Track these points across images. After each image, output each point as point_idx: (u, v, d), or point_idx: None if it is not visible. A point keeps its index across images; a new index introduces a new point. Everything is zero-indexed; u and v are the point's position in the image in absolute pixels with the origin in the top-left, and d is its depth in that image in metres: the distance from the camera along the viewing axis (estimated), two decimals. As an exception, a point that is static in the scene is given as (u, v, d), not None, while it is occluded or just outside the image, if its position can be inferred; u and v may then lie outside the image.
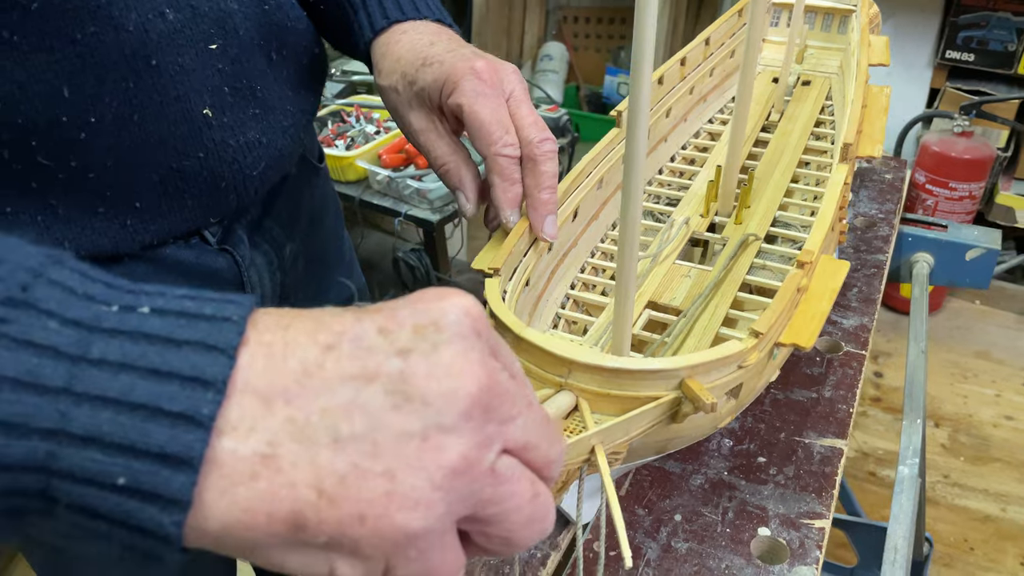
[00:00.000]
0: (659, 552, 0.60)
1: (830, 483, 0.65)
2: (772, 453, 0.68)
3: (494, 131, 0.57)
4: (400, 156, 1.61)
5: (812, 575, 0.58)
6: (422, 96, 0.61)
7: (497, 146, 0.57)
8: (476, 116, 0.57)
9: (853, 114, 0.79)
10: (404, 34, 0.64)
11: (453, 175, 0.62)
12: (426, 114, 0.62)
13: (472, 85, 0.58)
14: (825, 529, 0.61)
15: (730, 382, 0.54)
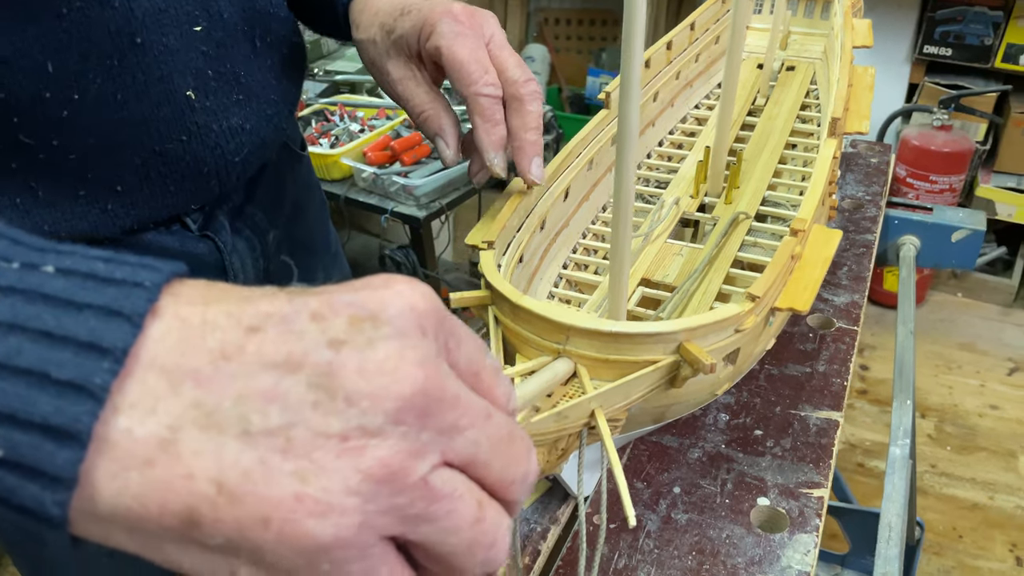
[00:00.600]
0: (659, 523, 0.60)
1: (827, 454, 0.65)
2: (768, 426, 0.68)
3: (474, 70, 0.56)
4: (385, 153, 1.60)
5: (813, 542, 0.58)
6: (400, 44, 0.60)
7: (478, 85, 0.56)
8: (455, 56, 0.56)
9: (840, 91, 0.79)
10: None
11: (432, 122, 0.61)
12: (404, 62, 0.60)
13: (449, 27, 0.57)
14: (824, 498, 0.61)
15: (727, 346, 0.54)
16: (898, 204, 1.11)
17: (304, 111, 1.75)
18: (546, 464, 0.50)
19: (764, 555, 0.57)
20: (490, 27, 0.59)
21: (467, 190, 1.60)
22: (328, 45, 1.98)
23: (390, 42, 0.61)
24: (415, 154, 1.60)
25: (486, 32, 0.59)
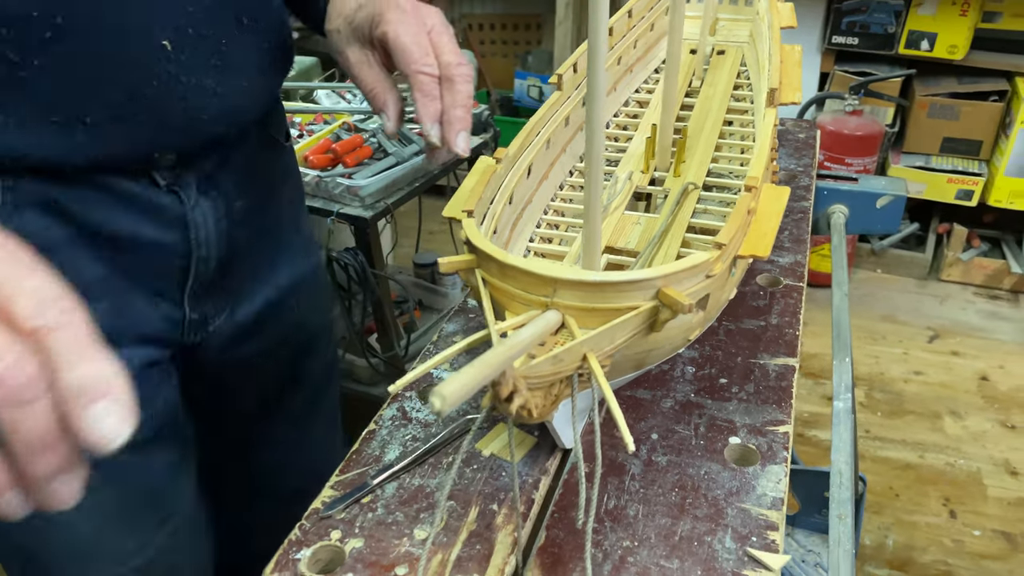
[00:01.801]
0: (642, 467, 0.64)
1: (787, 395, 0.70)
2: (732, 374, 0.73)
3: (414, 52, 0.65)
4: (327, 156, 1.61)
5: (783, 472, 0.63)
6: (357, 32, 0.70)
7: (417, 64, 0.65)
8: (398, 40, 0.66)
9: (774, 66, 0.85)
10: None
11: (379, 98, 0.70)
12: (360, 48, 0.71)
13: (395, 15, 0.67)
14: (789, 433, 0.67)
15: (699, 291, 0.58)
16: (826, 176, 1.19)
17: (241, 119, 1.75)
18: (542, 409, 0.53)
19: (740, 486, 0.62)
20: (431, 18, 0.69)
21: (410, 189, 1.63)
22: (259, 54, 1.98)
23: (350, 31, 0.71)
24: (357, 156, 1.61)
25: (428, 22, 0.68)
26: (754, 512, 0.60)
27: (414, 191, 1.66)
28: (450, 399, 0.39)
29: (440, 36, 0.68)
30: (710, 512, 0.60)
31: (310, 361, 0.98)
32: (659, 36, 1.16)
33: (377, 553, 0.57)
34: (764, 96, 0.87)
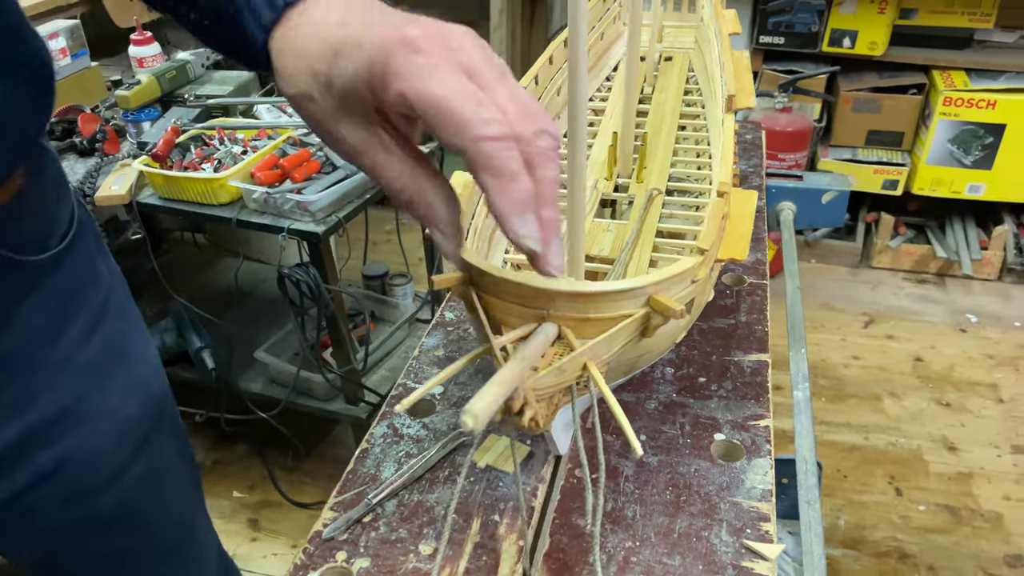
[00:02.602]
0: (634, 468, 0.66)
1: (764, 390, 0.73)
2: (710, 373, 0.75)
3: (461, 108, 0.39)
4: (275, 172, 1.60)
5: (768, 464, 0.66)
6: (347, 100, 0.43)
7: (473, 127, 0.39)
8: (427, 97, 0.39)
9: (729, 73, 0.88)
10: (303, 16, 0.46)
11: (417, 204, 0.45)
12: (360, 123, 0.44)
13: (408, 61, 0.40)
14: (770, 427, 0.69)
15: (686, 296, 0.60)
16: (773, 175, 1.23)
17: (181, 137, 1.71)
18: (545, 419, 0.54)
19: (730, 481, 0.64)
20: (465, 49, 0.42)
21: (360, 202, 1.62)
22: (195, 70, 1.94)
23: (333, 99, 0.44)
24: (305, 170, 1.60)
25: (461, 57, 0.41)
26: (745, 505, 0.62)
27: (364, 203, 1.65)
28: (481, 417, 0.40)
29: (490, 75, 0.42)
30: (704, 508, 0.62)
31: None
32: (608, 44, 1.18)
33: (385, 571, 0.58)
34: (719, 102, 0.91)
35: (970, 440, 2.08)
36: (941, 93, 2.41)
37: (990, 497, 1.92)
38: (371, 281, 2.13)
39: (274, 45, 0.47)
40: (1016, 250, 2.62)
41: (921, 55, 2.48)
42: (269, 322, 2.09)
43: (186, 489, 0.87)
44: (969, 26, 2.43)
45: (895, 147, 2.60)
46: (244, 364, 1.93)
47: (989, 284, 2.65)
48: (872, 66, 2.53)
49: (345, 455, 2.07)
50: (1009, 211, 2.66)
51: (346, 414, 1.84)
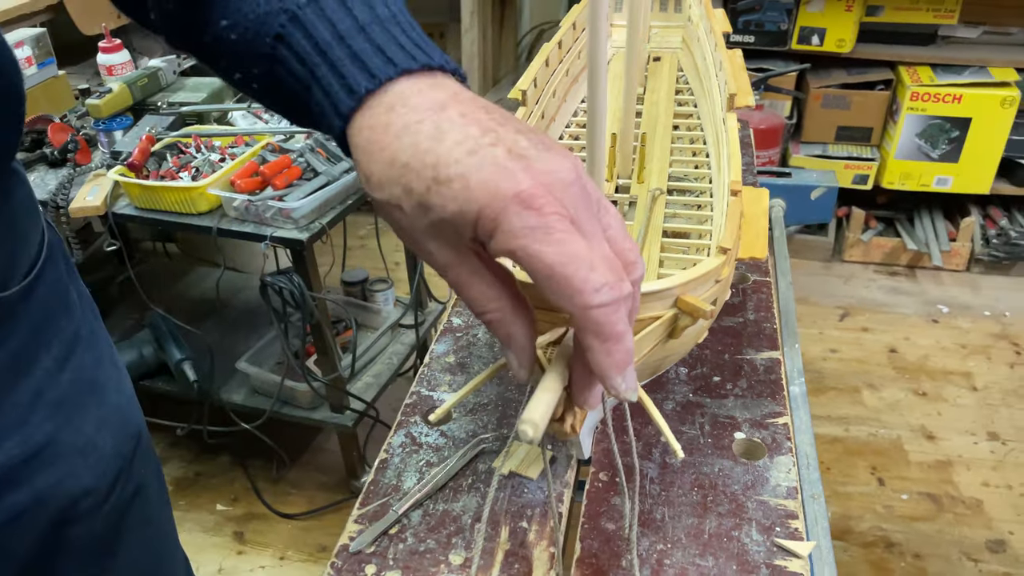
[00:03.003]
0: (658, 470, 0.65)
1: (779, 387, 0.74)
2: (724, 372, 0.75)
3: (574, 275, 0.38)
4: (255, 180, 1.57)
5: (791, 462, 0.66)
6: (443, 229, 0.41)
7: (585, 297, 0.39)
8: (539, 262, 0.38)
9: (730, 72, 0.89)
10: (391, 113, 0.42)
11: (497, 327, 0.44)
12: (451, 245, 0.42)
13: (522, 219, 0.38)
14: (789, 424, 0.70)
15: (711, 296, 0.60)
16: (763, 172, 1.24)
17: (156, 146, 1.68)
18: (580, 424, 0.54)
19: (755, 480, 0.64)
20: (573, 193, 0.40)
21: (343, 208, 1.60)
22: (167, 77, 1.90)
23: (427, 222, 0.41)
24: (287, 177, 1.58)
25: (569, 203, 0.40)
26: (773, 503, 0.62)
27: (347, 209, 1.64)
28: (541, 425, 0.39)
29: (594, 220, 0.41)
30: (732, 508, 0.62)
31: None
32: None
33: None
34: (717, 100, 0.91)
35: (947, 428, 2.12)
36: (908, 88, 2.45)
37: (970, 484, 1.96)
38: (351, 287, 2.11)
39: (356, 140, 0.43)
40: (983, 241, 2.67)
41: (888, 52, 2.52)
42: (249, 332, 2.06)
43: (161, 514, 0.85)
44: (934, 22, 2.47)
45: (864, 142, 2.64)
46: (226, 375, 1.90)
47: (958, 275, 2.71)
48: (840, 63, 2.57)
49: (330, 463, 2.05)
50: (975, 203, 2.72)
51: (332, 422, 1.81)
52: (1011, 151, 2.50)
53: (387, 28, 0.43)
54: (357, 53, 0.42)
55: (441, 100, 0.42)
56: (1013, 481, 1.96)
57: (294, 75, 0.44)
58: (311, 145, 1.66)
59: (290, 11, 0.43)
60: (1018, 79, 2.41)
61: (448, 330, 0.83)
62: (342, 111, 0.43)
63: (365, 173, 0.43)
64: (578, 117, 1.06)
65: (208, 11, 0.45)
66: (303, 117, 0.47)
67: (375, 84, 0.42)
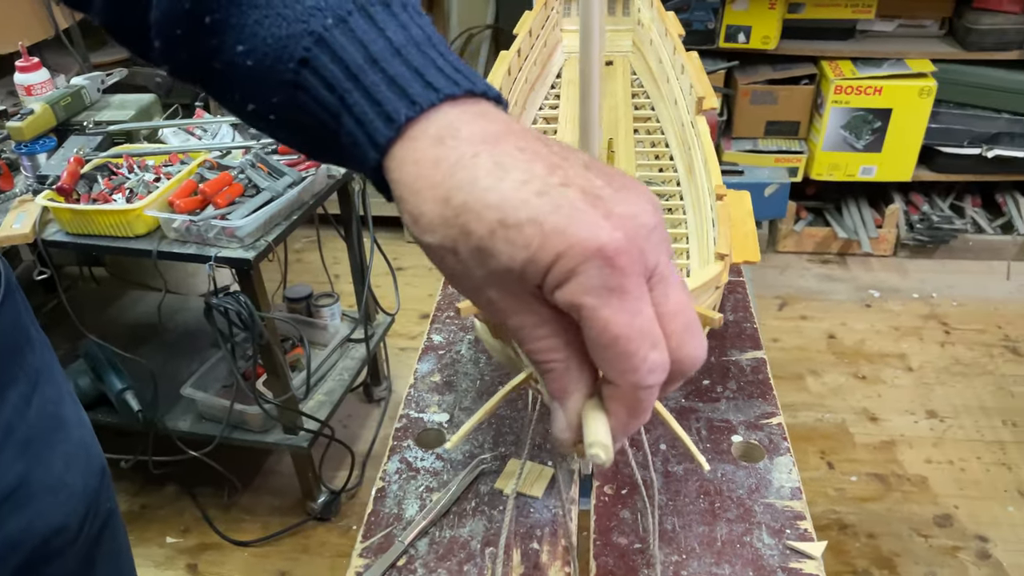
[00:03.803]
0: (662, 479, 0.65)
1: (768, 387, 0.74)
2: (712, 375, 0.76)
3: (636, 352, 0.36)
4: (195, 199, 1.51)
5: (791, 461, 0.67)
6: (504, 278, 0.37)
7: (639, 376, 0.36)
8: (606, 329, 0.35)
9: (693, 75, 0.89)
10: (441, 146, 0.37)
11: (556, 379, 0.39)
12: (513, 291, 0.38)
13: (601, 280, 0.35)
14: (783, 424, 0.70)
15: (711, 303, 0.60)
16: (716, 171, 1.25)
17: (85, 168, 1.60)
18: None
19: (758, 482, 0.65)
20: (654, 248, 0.36)
21: (288, 223, 1.56)
22: (90, 95, 1.82)
23: (487, 269, 0.37)
24: (228, 195, 1.52)
25: (650, 260, 0.36)
26: (779, 505, 0.62)
27: (293, 225, 1.59)
28: (611, 446, 0.38)
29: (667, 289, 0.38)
30: (740, 513, 0.62)
31: None
32: (551, 51, 1.18)
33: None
34: (681, 102, 0.92)
35: (888, 409, 2.19)
36: (832, 82, 2.53)
37: (913, 462, 2.03)
38: (295, 304, 2.06)
39: (398, 175, 0.38)
40: (907, 226, 2.78)
41: (810, 47, 2.60)
42: (190, 355, 1.99)
43: (126, 543, 0.83)
44: (852, 17, 2.56)
45: (792, 136, 2.71)
46: (170, 402, 1.83)
47: (886, 260, 2.80)
48: (766, 59, 2.63)
49: (284, 486, 1.99)
50: (898, 190, 2.82)
51: (286, 444, 1.76)
52: (930, 139, 2.61)
53: (423, 51, 0.39)
54: (394, 78, 0.38)
55: (494, 132, 0.37)
56: (953, 456, 2.04)
57: (320, 103, 0.39)
58: (251, 160, 1.61)
59: (316, 33, 0.38)
60: (934, 70, 2.52)
61: (429, 348, 0.81)
62: (378, 142, 0.38)
63: (413, 213, 0.38)
64: (537, 124, 1.05)
65: (221, 36, 0.41)
66: (328, 151, 0.42)
67: (415, 111, 0.37)
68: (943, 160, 2.66)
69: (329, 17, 0.39)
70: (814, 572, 0.57)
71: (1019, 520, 1.86)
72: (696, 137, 0.82)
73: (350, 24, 0.39)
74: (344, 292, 2.14)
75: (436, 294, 0.89)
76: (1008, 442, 2.07)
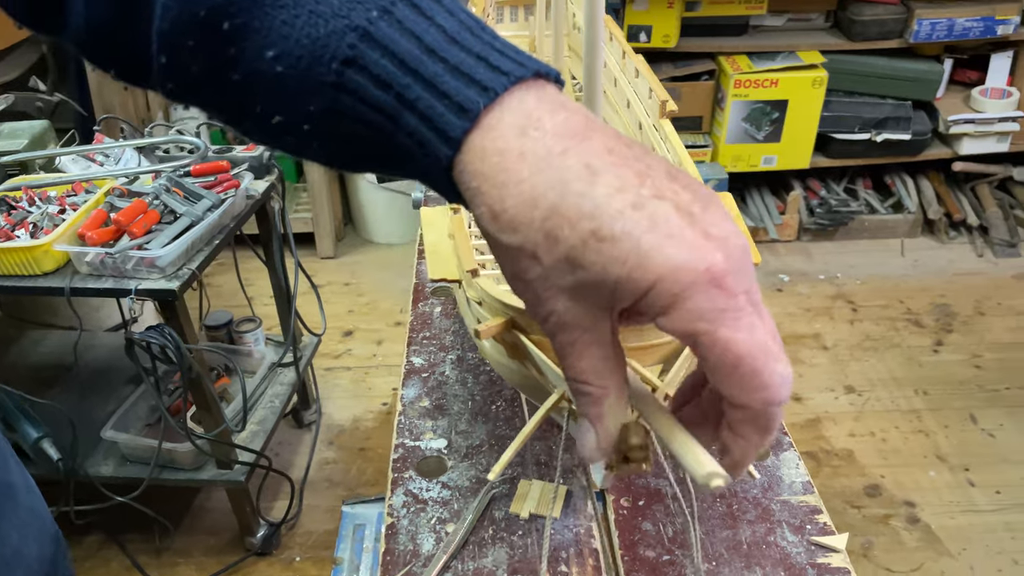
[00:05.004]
0: (678, 487, 0.65)
1: (757, 383, 0.75)
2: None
3: (764, 368, 0.34)
4: (108, 230, 1.42)
5: (796, 457, 0.67)
6: (585, 288, 0.35)
7: (772, 392, 0.35)
8: (730, 350, 0.34)
9: (652, 81, 0.90)
10: (524, 138, 0.35)
11: (592, 404, 0.39)
12: (585, 308, 0.36)
13: (712, 303, 0.33)
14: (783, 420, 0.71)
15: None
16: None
17: (-21, 204, 1.48)
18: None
19: (770, 480, 0.65)
20: (747, 266, 0.35)
21: (211, 249, 1.48)
22: (-25, 124, 1.68)
23: (572, 280, 0.35)
24: (145, 222, 1.43)
25: (747, 284, 0.35)
26: (795, 502, 0.63)
27: (215, 250, 1.52)
28: (722, 471, 0.37)
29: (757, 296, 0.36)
30: (759, 513, 0.62)
31: None
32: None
33: (475, 655, 0.53)
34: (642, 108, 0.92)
35: (810, 388, 2.28)
36: (731, 77, 2.61)
37: (838, 437, 2.12)
38: (215, 332, 1.97)
39: (479, 167, 0.35)
40: (808, 211, 2.90)
41: (708, 43, 2.67)
42: (106, 395, 1.87)
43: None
44: (745, 13, 2.65)
45: (697, 131, 2.78)
46: (89, 446, 1.72)
47: (791, 244, 2.92)
48: (668, 57, 2.69)
49: (219, 523, 1.90)
50: (797, 177, 2.94)
51: (221, 480, 1.68)
52: (824, 127, 2.73)
53: (477, 35, 0.36)
54: (457, 66, 0.35)
55: (578, 124, 0.35)
56: (874, 428, 2.13)
57: (372, 104, 0.36)
58: (165, 185, 1.53)
59: (360, 28, 0.35)
60: (824, 60, 2.63)
61: (411, 372, 0.78)
62: (452, 135, 0.35)
63: (494, 209, 0.35)
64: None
65: (242, 42, 0.36)
66: (375, 158, 0.39)
67: (490, 97, 0.35)
68: (836, 146, 2.79)
69: (373, 9, 0.35)
70: (842, 565, 0.58)
71: (941, 483, 1.97)
72: (664, 140, 0.82)
73: (396, 15, 0.35)
74: (261, 314, 2.06)
75: (355, 310, 0.86)
76: (922, 410, 2.18)
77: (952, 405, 2.20)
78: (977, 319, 2.52)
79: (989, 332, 2.46)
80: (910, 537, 1.83)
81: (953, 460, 2.03)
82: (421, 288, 0.89)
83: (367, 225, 2.98)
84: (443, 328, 0.83)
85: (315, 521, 1.90)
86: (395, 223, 2.92)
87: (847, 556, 0.59)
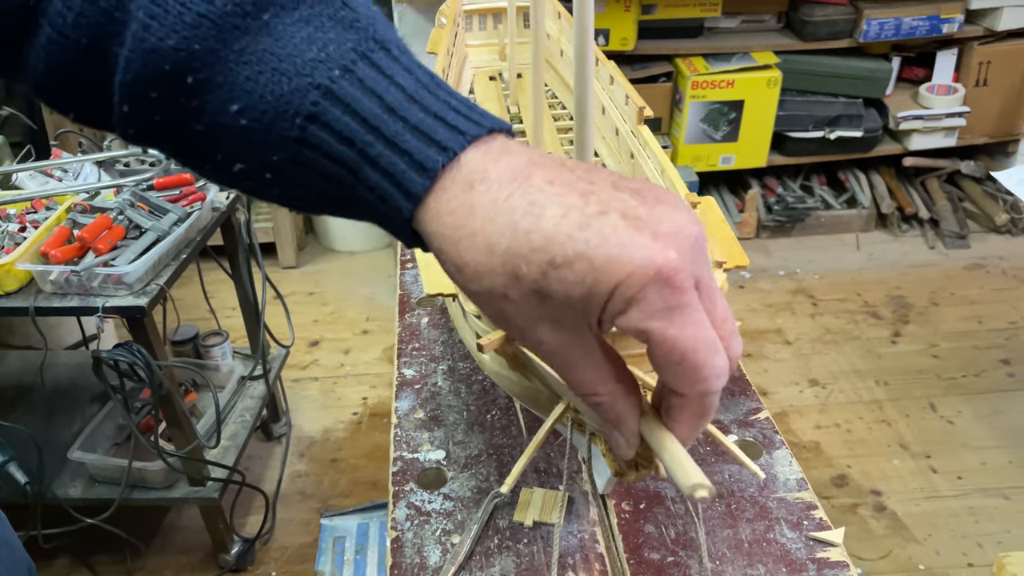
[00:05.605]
0: (676, 489, 0.66)
1: (746, 383, 0.77)
2: (692, 378, 0.77)
3: (705, 361, 0.37)
4: (72, 247, 1.39)
5: (789, 454, 0.69)
6: (559, 313, 0.37)
7: (708, 383, 0.37)
8: (675, 345, 0.36)
9: (625, 85, 0.91)
10: (471, 192, 0.37)
11: (608, 410, 0.41)
12: (567, 328, 0.38)
13: (662, 301, 0.35)
14: (770, 416, 0.73)
15: (718, 312, 0.61)
16: (627, 175, 1.28)
17: (-65, 223, 1.44)
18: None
19: (765, 479, 0.66)
20: (702, 259, 0.38)
21: (179, 264, 1.46)
22: (-75, 141, 1.63)
23: (543, 310, 0.37)
24: (110, 238, 1.41)
25: (701, 272, 0.38)
26: (790, 498, 0.65)
27: (183, 265, 1.50)
28: (708, 483, 0.38)
29: (712, 287, 0.39)
30: (757, 511, 0.64)
31: None
32: (460, 67, 1.17)
33: (490, 665, 0.53)
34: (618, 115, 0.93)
35: (775, 382, 2.32)
36: (688, 78, 2.65)
37: (805, 429, 2.16)
38: (180, 347, 1.94)
39: (435, 227, 0.37)
40: (766, 209, 2.95)
41: (665, 46, 2.71)
42: (70, 415, 1.83)
43: None
44: (700, 15, 2.69)
45: (656, 132, 2.81)
46: (55, 468, 1.68)
47: (750, 242, 2.97)
48: (626, 60, 2.72)
49: (191, 541, 1.87)
50: (754, 176, 2.99)
51: (194, 497, 1.66)
52: (779, 126, 2.78)
53: (434, 93, 0.38)
54: (416, 125, 0.37)
55: (519, 166, 0.37)
56: (839, 419, 2.18)
57: (334, 158, 0.37)
58: (129, 200, 1.50)
59: (322, 86, 0.36)
60: (777, 61, 2.69)
61: (404, 384, 0.78)
62: (413, 191, 0.37)
63: (456, 263, 0.38)
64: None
65: (205, 96, 0.37)
66: (339, 207, 0.41)
67: (448, 157, 0.37)
68: (791, 145, 2.85)
69: (335, 68, 0.37)
70: (840, 558, 0.60)
71: (905, 471, 2.02)
72: (644, 146, 0.83)
73: (357, 74, 0.37)
74: (225, 327, 2.03)
75: (320, 319, 0.86)
76: (884, 400, 2.24)
77: (912, 394, 2.26)
78: (932, 310, 2.59)
79: (943, 322, 2.54)
80: (878, 525, 1.88)
81: (915, 448, 2.08)
82: (407, 299, 0.89)
83: (328, 233, 2.96)
84: (432, 339, 0.83)
85: (289, 535, 1.88)
86: (357, 231, 2.90)
87: (844, 550, 0.61)
